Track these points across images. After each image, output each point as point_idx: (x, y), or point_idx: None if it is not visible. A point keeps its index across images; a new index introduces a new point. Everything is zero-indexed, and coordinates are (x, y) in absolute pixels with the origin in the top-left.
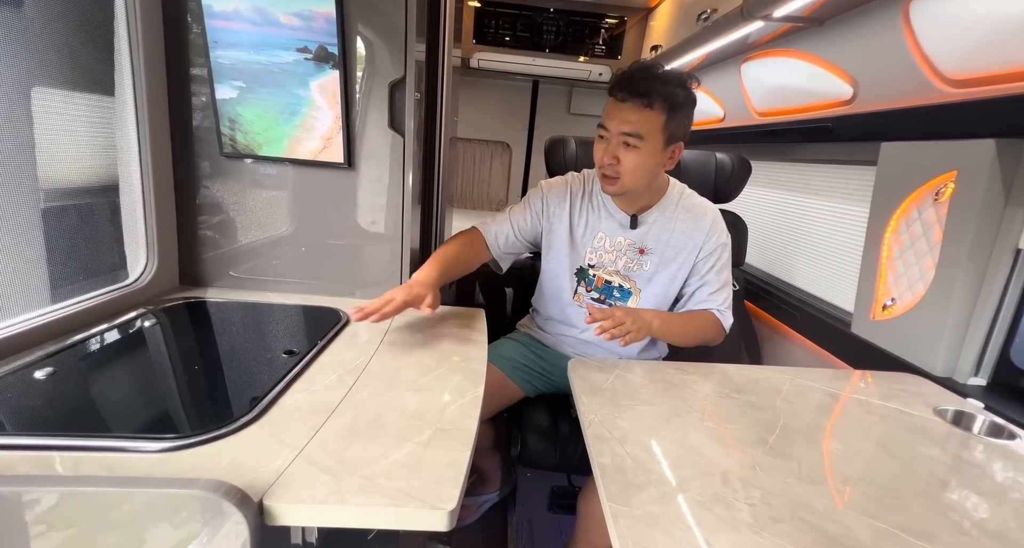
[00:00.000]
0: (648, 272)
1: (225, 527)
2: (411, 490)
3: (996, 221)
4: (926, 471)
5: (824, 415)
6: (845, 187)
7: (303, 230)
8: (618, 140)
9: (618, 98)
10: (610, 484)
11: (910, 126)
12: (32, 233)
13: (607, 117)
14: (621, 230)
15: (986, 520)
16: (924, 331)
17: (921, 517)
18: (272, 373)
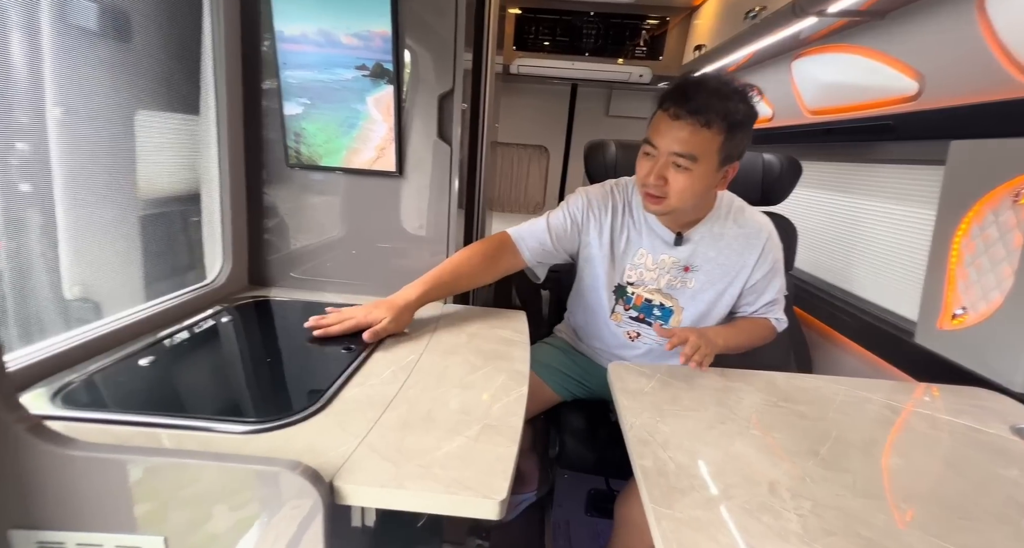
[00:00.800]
0: (692, 289)
1: (302, 503)
2: (463, 480)
3: None
4: (1003, 493)
5: (883, 428)
6: (906, 188)
7: (355, 234)
8: (667, 159)
9: (671, 114)
10: (652, 487)
11: (984, 122)
12: (132, 238)
13: (656, 133)
14: (665, 247)
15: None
16: (1001, 342)
17: (996, 542)
18: (334, 367)
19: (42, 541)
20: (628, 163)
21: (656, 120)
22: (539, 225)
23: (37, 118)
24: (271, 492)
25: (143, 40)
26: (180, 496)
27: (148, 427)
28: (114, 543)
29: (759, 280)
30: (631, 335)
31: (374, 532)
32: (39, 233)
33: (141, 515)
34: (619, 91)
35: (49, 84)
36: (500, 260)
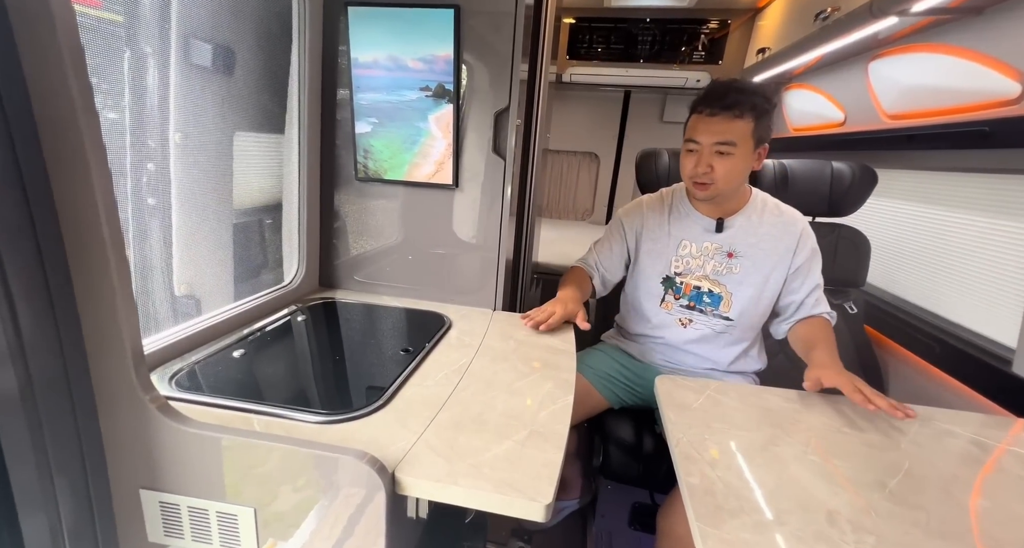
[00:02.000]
0: (739, 275)
1: (370, 490)
2: (512, 481)
3: None
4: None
5: (968, 466)
6: (1003, 200)
7: (412, 241)
8: (710, 150)
9: (706, 113)
10: (699, 505)
11: None
12: (226, 244)
13: (695, 132)
14: (706, 235)
15: None
16: None
17: None
18: (394, 367)
19: (163, 502)
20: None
21: (693, 122)
22: (605, 257)
23: (162, 142)
24: (345, 478)
25: (243, 72)
26: (269, 474)
27: (241, 412)
28: (215, 509)
29: (801, 265)
30: (683, 322)
31: (426, 524)
32: (159, 240)
33: (237, 488)
34: (674, 96)
35: (172, 113)
36: (589, 285)
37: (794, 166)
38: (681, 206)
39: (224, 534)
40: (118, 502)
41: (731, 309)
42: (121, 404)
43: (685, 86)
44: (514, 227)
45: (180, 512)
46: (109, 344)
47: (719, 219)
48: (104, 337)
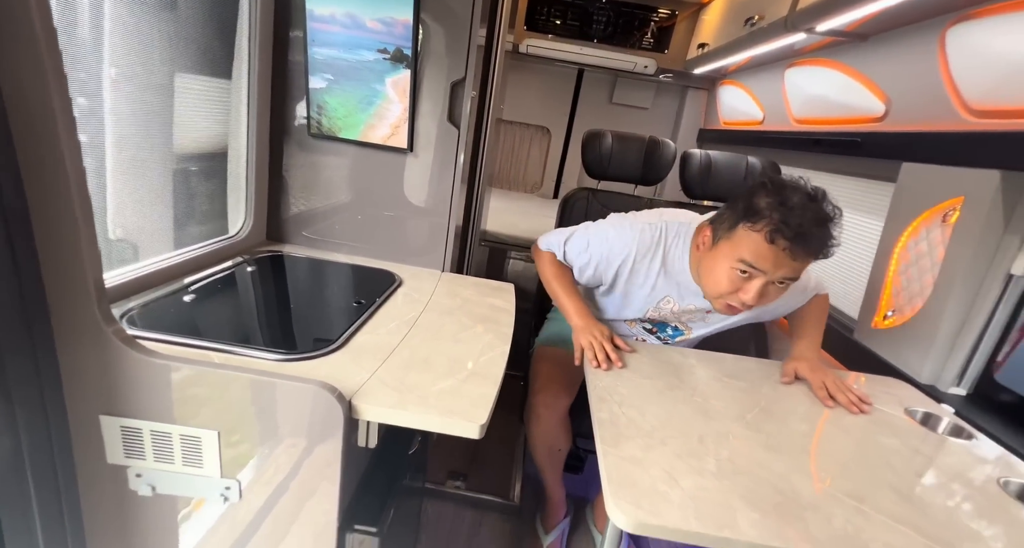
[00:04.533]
0: (710, 323)
1: (329, 415)
2: (453, 408)
3: (993, 247)
4: (877, 454)
5: (804, 404)
6: (867, 201)
7: (363, 202)
8: (771, 281)
9: (789, 253)
10: (604, 433)
11: (930, 149)
12: (166, 189)
13: (764, 263)
14: (694, 298)
15: (918, 494)
16: (916, 342)
17: (859, 484)
18: (347, 317)
19: (124, 426)
20: (624, 155)
21: (758, 245)
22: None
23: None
24: (306, 405)
25: (188, 9)
26: (232, 402)
27: (199, 349)
28: (179, 432)
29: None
30: (639, 338)
31: (374, 452)
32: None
33: (200, 413)
34: (624, 79)
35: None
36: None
37: (717, 157)
38: (677, 265)
39: (188, 455)
40: (75, 428)
41: (686, 342)
42: (83, 336)
43: (634, 70)
44: (464, 194)
45: (142, 435)
46: (69, 277)
47: None
48: (64, 270)
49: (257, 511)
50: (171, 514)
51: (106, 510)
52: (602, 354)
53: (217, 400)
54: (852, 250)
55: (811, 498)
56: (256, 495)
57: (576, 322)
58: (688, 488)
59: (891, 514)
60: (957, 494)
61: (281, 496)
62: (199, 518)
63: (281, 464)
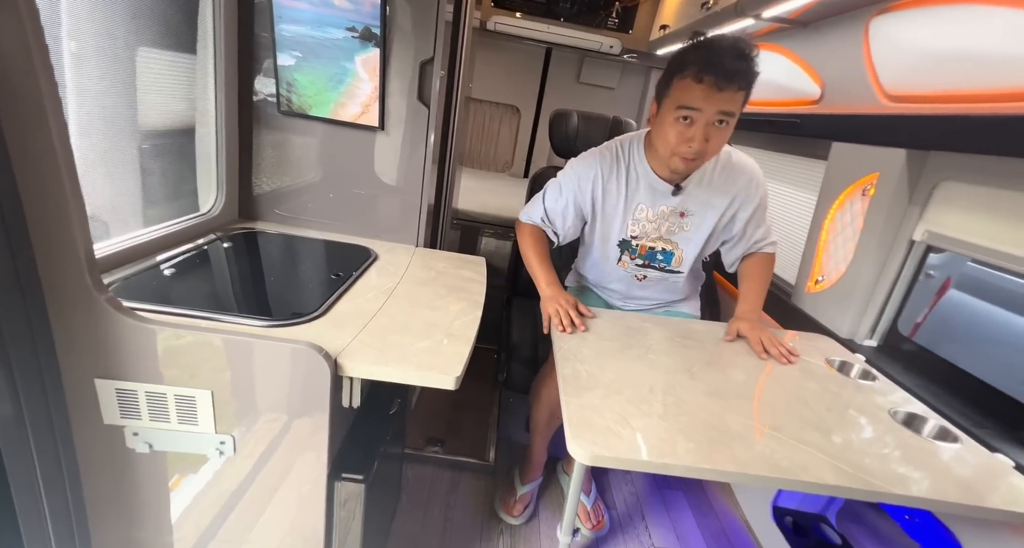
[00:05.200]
0: (689, 232)
1: (316, 373)
2: (430, 364)
3: (900, 217)
4: (798, 396)
5: (743, 358)
6: (804, 177)
7: (335, 179)
8: (709, 122)
9: (710, 83)
10: (567, 387)
11: (854, 130)
12: (133, 166)
13: (697, 100)
14: (663, 198)
15: (825, 424)
16: (839, 302)
17: (779, 418)
18: (327, 288)
19: (119, 388)
20: (589, 134)
21: (690, 88)
22: (553, 206)
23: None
24: (295, 364)
25: None
26: (223, 363)
27: (187, 318)
28: (173, 393)
29: (750, 216)
30: (639, 277)
31: (358, 411)
32: None
33: (194, 375)
34: (591, 59)
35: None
36: (547, 245)
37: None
38: (638, 167)
39: (183, 413)
40: (72, 391)
41: (681, 264)
42: (75, 304)
43: (600, 50)
44: (436, 173)
45: (137, 397)
46: (60, 248)
47: (677, 184)
48: (55, 241)
49: (253, 463)
50: (169, 469)
51: (104, 468)
52: (567, 319)
53: (208, 362)
54: (793, 223)
55: (739, 431)
56: (251, 448)
57: (545, 291)
58: (637, 427)
59: (801, 440)
60: (856, 422)
61: (274, 449)
62: (197, 471)
63: (273, 419)
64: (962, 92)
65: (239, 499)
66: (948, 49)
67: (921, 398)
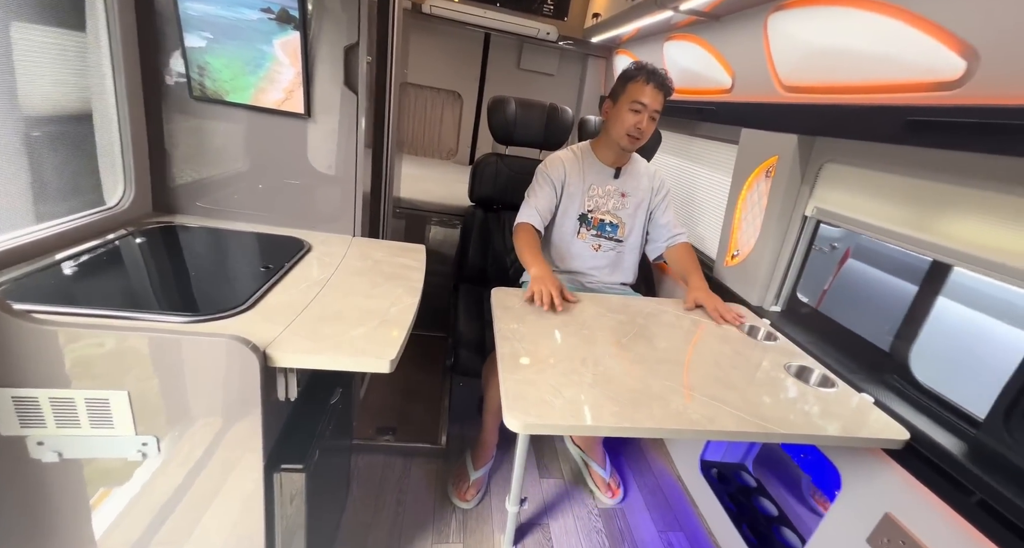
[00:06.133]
0: (628, 210)
1: (243, 365)
2: (365, 350)
3: (795, 195)
4: (711, 358)
5: (667, 328)
6: (723, 160)
7: (263, 169)
8: (649, 114)
9: (652, 85)
10: (505, 363)
11: (760, 117)
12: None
13: (645, 97)
14: (608, 180)
15: (733, 381)
16: (749, 274)
17: (693, 379)
18: (255, 281)
19: (15, 396)
20: (527, 120)
21: (640, 88)
22: (539, 207)
23: None
24: (218, 358)
25: None
26: (137, 362)
27: (97, 318)
28: (83, 396)
29: (661, 201)
30: (595, 247)
31: (297, 403)
32: None
33: (105, 375)
34: (529, 45)
35: None
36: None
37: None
38: (590, 159)
39: (96, 417)
40: None
41: (625, 234)
42: None
43: (537, 36)
44: (371, 160)
45: (39, 403)
46: None
47: (617, 168)
48: None
49: (184, 462)
50: (87, 477)
51: (5, 483)
52: (548, 298)
53: (120, 361)
54: (715, 203)
55: (658, 392)
56: (180, 448)
57: (535, 272)
58: (568, 396)
59: (711, 395)
60: (758, 377)
61: (206, 445)
62: (120, 476)
63: (202, 416)
64: (840, 84)
65: (172, 501)
66: (829, 45)
67: (810, 352)
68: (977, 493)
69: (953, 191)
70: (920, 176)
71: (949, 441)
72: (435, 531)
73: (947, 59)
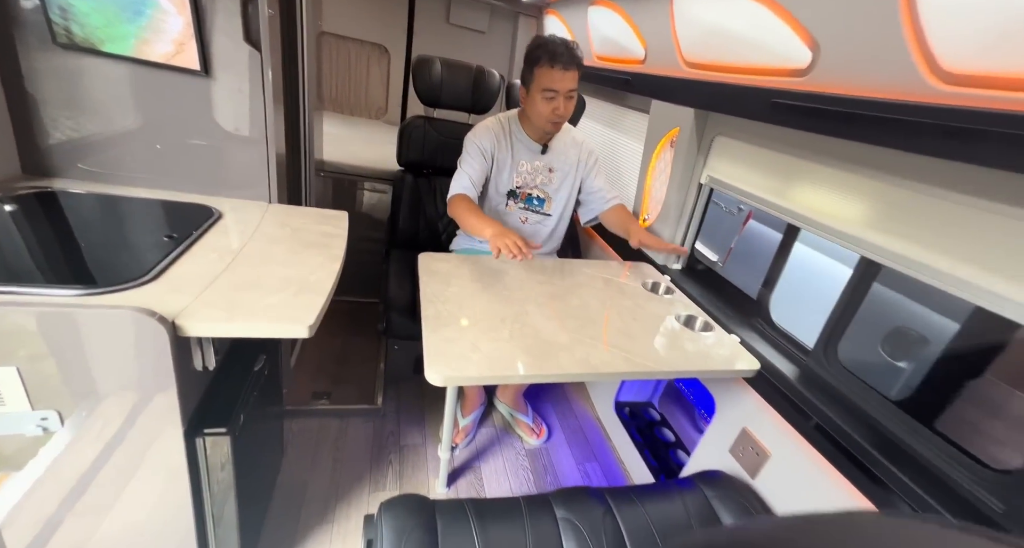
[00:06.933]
0: (555, 185)
1: (151, 335)
2: (282, 316)
3: (692, 164)
4: (616, 312)
5: (583, 286)
6: (637, 129)
7: (159, 129)
8: (565, 96)
9: (560, 68)
10: (429, 324)
11: (667, 90)
12: None
13: (555, 82)
14: (535, 156)
15: (631, 330)
16: (657, 236)
17: (597, 331)
18: (159, 251)
19: None
20: (453, 83)
21: (547, 74)
22: (471, 176)
23: None
24: (121, 331)
25: None
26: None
27: None
28: None
29: (591, 168)
30: (523, 219)
31: (217, 373)
32: None
33: None
34: None
35: None
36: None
37: None
38: (518, 133)
39: None
40: None
41: (551, 208)
42: None
43: None
44: (285, 119)
45: None
46: None
47: (544, 144)
48: None
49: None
50: None
51: None
52: (515, 247)
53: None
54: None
55: (566, 343)
56: (91, 422)
57: (491, 232)
58: (486, 351)
59: (611, 344)
60: (653, 327)
61: (120, 417)
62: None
63: (112, 389)
64: (728, 64)
65: (89, 474)
66: (720, 26)
67: (699, 304)
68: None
69: (807, 166)
70: (784, 152)
71: (788, 368)
72: (372, 481)
73: (798, 48)
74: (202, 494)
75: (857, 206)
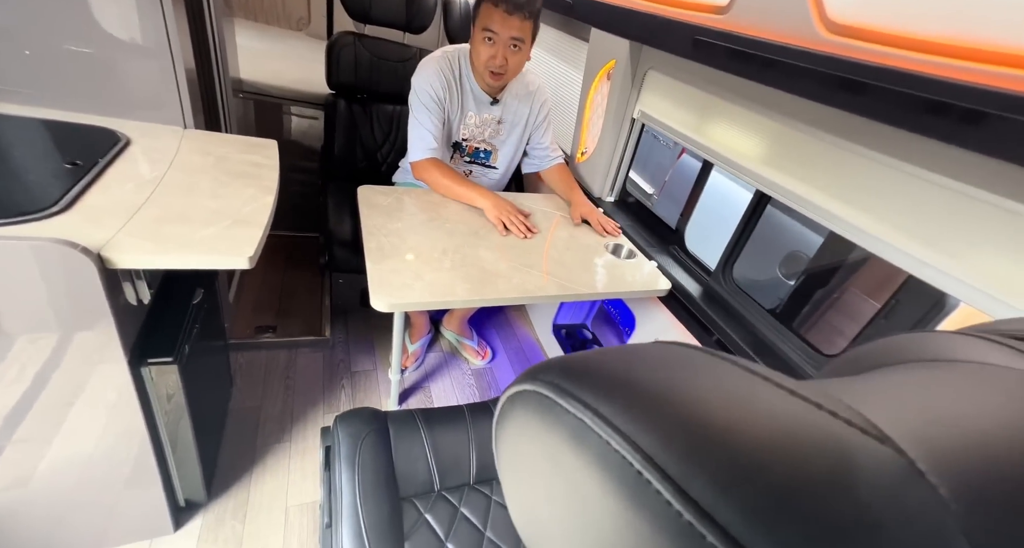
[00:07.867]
0: (503, 137)
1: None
2: (219, 248)
3: (627, 98)
4: (553, 243)
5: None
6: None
7: (29, 32)
8: (506, 44)
9: (505, 10)
10: (372, 256)
11: (606, 18)
12: None
13: (494, 24)
14: (486, 108)
15: (564, 259)
16: (593, 169)
17: (535, 259)
18: (63, 180)
19: None
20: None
21: (489, 12)
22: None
23: None
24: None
25: None
26: None
27: None
28: None
29: (541, 121)
30: (466, 172)
31: (153, 307)
32: None
33: None
34: None
35: None
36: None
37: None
38: (468, 81)
39: None
40: None
41: (497, 161)
42: None
43: None
44: (190, 26)
45: None
46: None
47: (494, 97)
48: None
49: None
50: None
51: None
52: (522, 227)
53: None
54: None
55: (504, 271)
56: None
57: (483, 202)
58: (428, 279)
59: (547, 271)
60: (584, 256)
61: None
62: None
63: (39, 323)
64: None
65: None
66: None
67: (626, 234)
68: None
69: (722, 104)
70: (705, 89)
71: (694, 288)
72: (326, 403)
73: None
74: (155, 420)
75: (758, 144)
